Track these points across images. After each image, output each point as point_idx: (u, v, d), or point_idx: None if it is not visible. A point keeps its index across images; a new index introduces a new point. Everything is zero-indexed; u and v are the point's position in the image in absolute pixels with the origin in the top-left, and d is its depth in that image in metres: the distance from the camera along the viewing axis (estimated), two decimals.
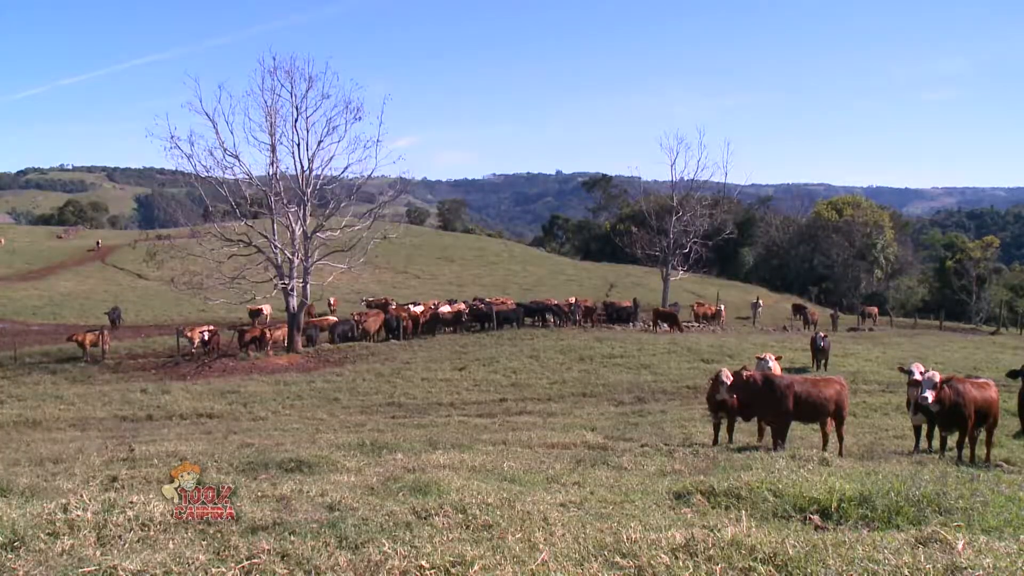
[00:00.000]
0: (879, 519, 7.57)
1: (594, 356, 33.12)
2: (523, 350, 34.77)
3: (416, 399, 26.80)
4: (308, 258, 39.18)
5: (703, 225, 57.89)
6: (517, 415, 23.14)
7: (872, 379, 28.66)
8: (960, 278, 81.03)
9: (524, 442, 15.01)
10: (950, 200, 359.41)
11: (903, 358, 32.93)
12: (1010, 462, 15.48)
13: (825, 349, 31.27)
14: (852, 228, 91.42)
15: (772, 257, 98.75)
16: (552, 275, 77.27)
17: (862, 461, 12.85)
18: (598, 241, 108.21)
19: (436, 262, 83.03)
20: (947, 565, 5.61)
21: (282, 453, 11.84)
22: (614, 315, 46.88)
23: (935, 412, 15.24)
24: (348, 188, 42.05)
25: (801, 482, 8.66)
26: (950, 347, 40.94)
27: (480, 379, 29.69)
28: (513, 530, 6.74)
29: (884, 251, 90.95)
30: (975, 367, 28.99)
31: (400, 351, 36.38)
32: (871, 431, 20.35)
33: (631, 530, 6.55)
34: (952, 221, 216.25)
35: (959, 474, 10.32)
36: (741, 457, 12.23)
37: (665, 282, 56.57)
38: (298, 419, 22.90)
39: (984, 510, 7.83)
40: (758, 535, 6.32)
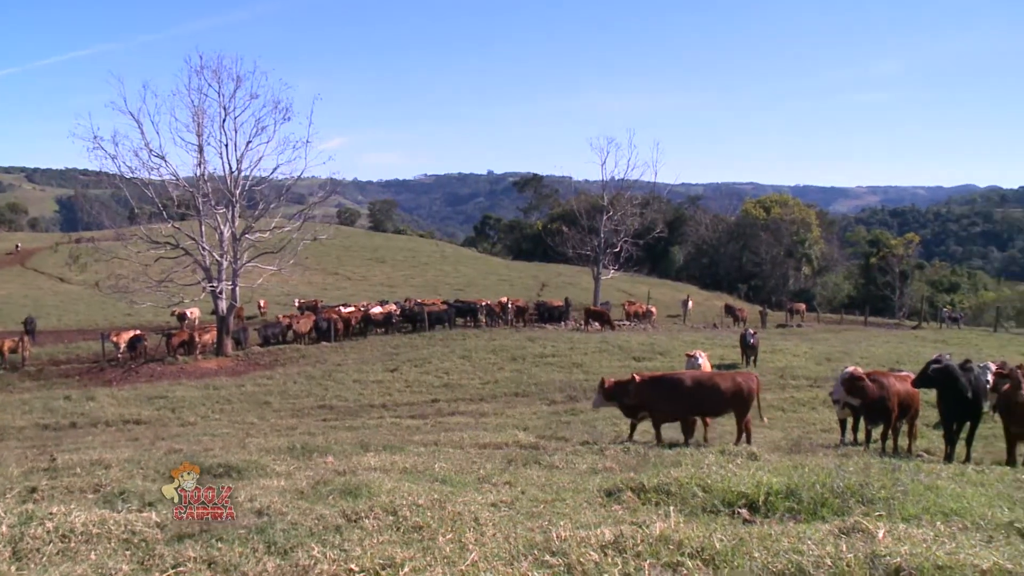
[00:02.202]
0: (805, 511, 7.68)
1: (526, 356, 33.20)
2: (455, 351, 34.74)
3: (348, 401, 26.63)
4: (237, 260, 38.71)
5: (633, 224, 58.35)
6: (449, 416, 23.11)
7: (800, 374, 29.15)
8: (884, 274, 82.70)
9: (456, 443, 14.97)
10: (874, 199, 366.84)
11: (830, 353, 33.68)
12: (930, 452, 15.92)
13: (754, 346, 31.74)
14: (780, 226, 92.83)
15: (702, 255, 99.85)
16: (484, 275, 77.21)
17: (790, 455, 13.04)
18: (530, 241, 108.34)
19: (367, 263, 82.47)
20: (868, 554, 5.73)
21: (211, 458, 11.65)
22: (546, 314, 47.05)
23: (859, 405, 15.58)
24: (277, 189, 41.62)
25: (730, 477, 8.75)
26: (874, 342, 41.82)
27: (412, 380, 29.60)
28: (444, 531, 6.73)
29: (811, 248, 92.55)
30: (898, 361, 29.65)
31: (331, 353, 36.13)
32: (799, 425, 20.74)
33: (561, 528, 6.58)
34: (876, 219, 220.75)
35: (882, 465, 10.51)
36: (671, 454, 12.34)
37: (596, 281, 56.89)
38: (228, 424, 22.59)
39: (904, 499, 8.00)
40: (686, 530, 6.40)
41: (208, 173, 39.07)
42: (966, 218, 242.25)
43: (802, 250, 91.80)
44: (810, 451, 14.38)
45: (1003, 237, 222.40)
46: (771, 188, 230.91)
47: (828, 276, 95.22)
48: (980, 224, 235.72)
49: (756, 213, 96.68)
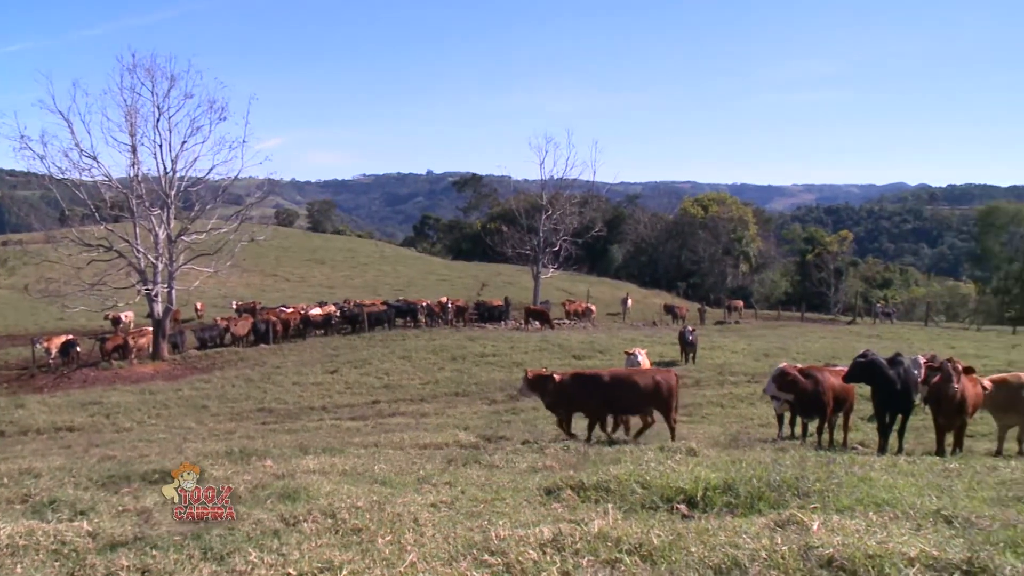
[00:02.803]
0: (742, 505, 7.76)
1: (466, 355, 33.18)
2: (395, 351, 34.60)
3: (287, 404, 26.39)
4: (173, 262, 38.13)
5: (573, 223, 58.59)
6: (390, 417, 22.98)
7: (738, 370, 29.49)
8: (819, 271, 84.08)
9: (396, 444, 14.90)
10: (809, 196, 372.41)
11: (768, 349, 34.16)
12: (864, 444, 16.22)
13: (693, 343, 32.05)
14: (718, 224, 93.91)
15: (641, 254, 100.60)
16: (423, 275, 77.02)
17: (728, 450, 13.18)
18: (469, 240, 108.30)
19: (306, 264, 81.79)
20: (801, 545, 5.83)
21: (146, 465, 11.48)
22: (486, 314, 47.10)
23: (793, 400, 15.82)
24: (214, 190, 41.08)
25: (668, 473, 8.81)
26: (811, 337, 42.53)
27: (352, 382, 29.43)
28: (383, 533, 6.69)
29: (748, 246, 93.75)
30: (834, 355, 30.09)
31: (270, 355, 35.77)
32: (738, 420, 21.00)
33: (500, 528, 6.58)
34: (811, 217, 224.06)
35: (818, 458, 10.67)
36: (611, 451, 12.40)
37: (536, 280, 57.01)
38: (165, 429, 22.22)
39: (839, 491, 8.12)
40: (624, 527, 6.44)
41: (142, 174, 38.45)
42: (898, 215, 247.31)
43: (740, 248, 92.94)
44: (748, 446, 14.54)
45: (933, 234, 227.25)
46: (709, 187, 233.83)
47: (765, 273, 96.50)
48: (911, 221, 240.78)
49: (694, 211, 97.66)
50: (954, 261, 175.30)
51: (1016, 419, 14.99)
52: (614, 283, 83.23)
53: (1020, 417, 14.93)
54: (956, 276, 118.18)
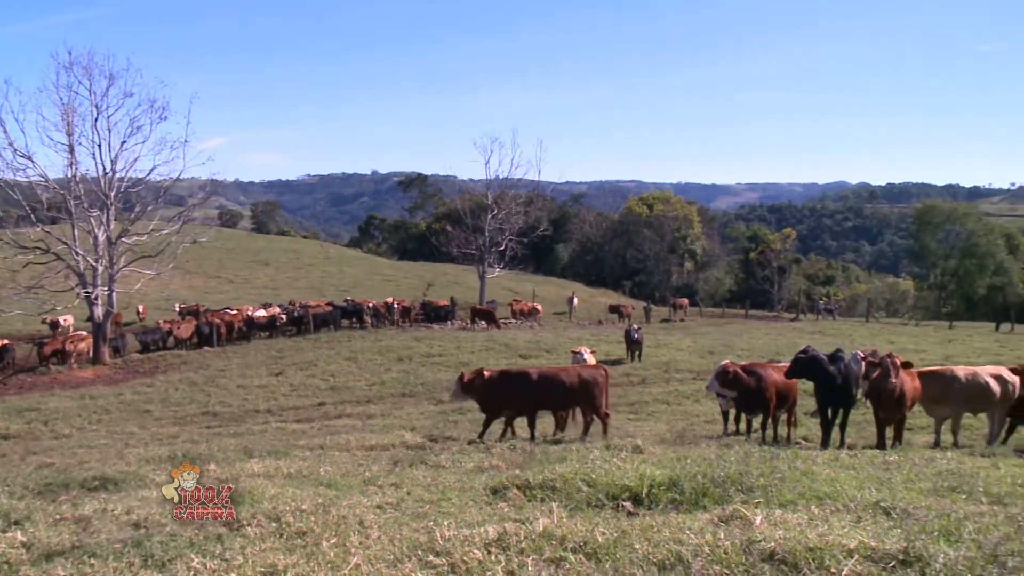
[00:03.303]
0: (687, 501, 7.82)
1: (413, 356, 33.08)
2: (341, 352, 34.42)
3: (232, 407, 26.10)
4: (113, 265, 37.53)
5: (518, 223, 58.74)
6: (336, 418, 22.86)
7: (684, 368, 29.79)
8: (763, 268, 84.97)
9: (342, 445, 14.82)
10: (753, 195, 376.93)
11: (712, 347, 34.52)
12: (807, 439, 16.47)
13: (639, 341, 32.23)
14: (663, 223, 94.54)
15: (587, 253, 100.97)
16: (369, 276, 76.58)
17: (674, 447, 13.29)
18: (415, 240, 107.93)
19: (250, 265, 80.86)
20: (744, 540, 5.90)
21: (85, 471, 11.27)
22: (432, 314, 46.99)
23: (738, 396, 16.03)
24: (155, 191, 40.51)
25: (614, 471, 8.84)
26: (755, 334, 43.04)
27: (298, 384, 29.20)
28: (328, 536, 6.64)
29: (693, 244, 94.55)
30: (777, 352, 30.47)
31: (214, 358, 35.36)
32: (683, 417, 21.21)
33: (445, 528, 6.56)
34: (755, 215, 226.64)
35: (761, 453, 10.81)
36: (557, 450, 12.44)
37: (482, 280, 57.02)
38: (106, 434, 21.84)
39: (782, 485, 8.23)
40: (569, 525, 6.46)
41: (80, 174, 37.82)
42: (839, 214, 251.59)
43: (684, 246, 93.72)
44: (693, 443, 14.67)
45: (873, 232, 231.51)
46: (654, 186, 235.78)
47: (710, 271, 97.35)
48: (852, 219, 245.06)
49: (639, 210, 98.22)
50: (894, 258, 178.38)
51: (948, 411, 15.35)
52: (560, 282, 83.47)
53: (952, 409, 15.29)
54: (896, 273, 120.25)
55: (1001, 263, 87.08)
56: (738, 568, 5.48)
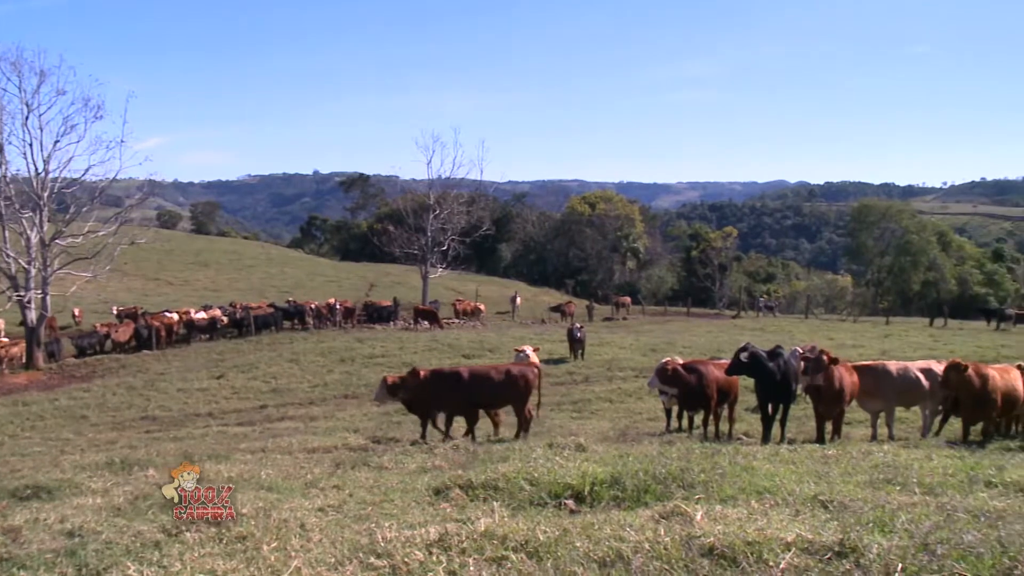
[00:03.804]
0: (629, 498, 7.88)
1: (355, 357, 32.91)
2: (283, 354, 34.13)
3: (172, 411, 25.72)
4: (47, 267, 36.80)
5: (460, 222, 58.71)
6: (278, 421, 22.63)
7: (626, 365, 29.92)
8: (704, 266, 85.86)
9: (284, 448, 14.69)
10: (694, 194, 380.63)
11: (655, 344, 34.75)
12: (748, 434, 16.65)
13: (581, 339, 32.33)
14: (605, 222, 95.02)
15: (529, 252, 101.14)
16: (311, 277, 76.02)
17: (616, 444, 13.37)
18: (357, 241, 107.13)
19: (190, 267, 79.82)
20: (684, 536, 5.96)
21: (16, 480, 11.02)
22: (375, 315, 46.81)
23: (679, 393, 16.18)
24: (90, 191, 39.78)
25: (556, 469, 8.88)
26: (697, 331, 43.48)
27: (239, 386, 28.90)
28: (268, 539, 6.58)
29: (635, 243, 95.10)
30: (719, 349, 30.75)
31: (153, 362, 34.88)
32: (626, 415, 21.31)
33: (387, 529, 6.54)
34: (696, 213, 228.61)
35: (703, 449, 10.92)
36: (500, 449, 12.45)
37: (424, 280, 56.91)
38: (40, 441, 21.33)
39: (722, 481, 8.32)
40: (511, 524, 6.48)
41: (11, 174, 37.03)
42: (779, 212, 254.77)
43: (627, 245, 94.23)
44: (636, 440, 14.77)
45: (812, 229, 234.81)
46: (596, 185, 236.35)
47: (652, 269, 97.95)
48: (791, 217, 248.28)
49: (581, 209, 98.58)
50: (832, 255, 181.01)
51: (881, 405, 15.68)
52: (503, 282, 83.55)
53: (885, 403, 15.62)
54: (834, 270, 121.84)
55: (934, 260, 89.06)
56: (678, 564, 5.54)
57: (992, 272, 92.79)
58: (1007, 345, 36.42)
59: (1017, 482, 8.83)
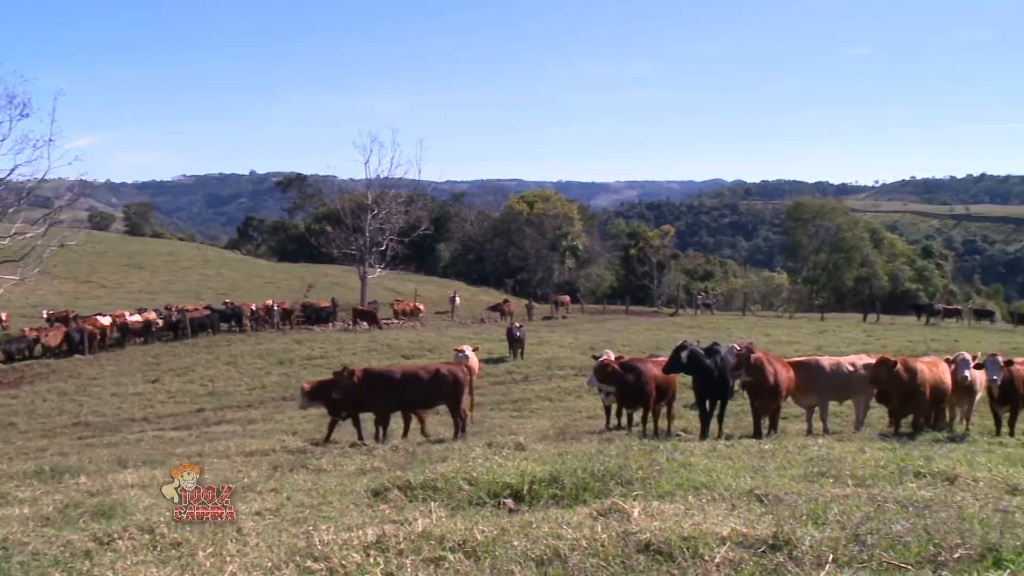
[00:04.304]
0: (568, 496, 7.93)
1: (294, 359, 32.64)
2: (220, 357, 33.72)
3: (105, 416, 25.27)
4: None
5: (399, 222, 58.42)
6: (216, 425, 22.39)
7: (566, 364, 30.07)
8: (643, 265, 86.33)
9: (221, 452, 14.56)
10: (632, 193, 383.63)
11: (594, 343, 34.86)
12: (687, 431, 16.85)
13: (520, 339, 32.38)
14: (543, 221, 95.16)
15: (468, 252, 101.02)
16: (248, 278, 75.15)
17: (556, 443, 13.43)
18: (295, 242, 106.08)
19: (123, 269, 78.38)
20: (621, 532, 6.01)
21: None
22: (313, 316, 46.40)
23: (617, 391, 16.28)
24: (17, 192, 38.80)
25: (495, 468, 8.89)
26: (635, 329, 43.79)
27: (175, 390, 28.49)
28: (204, 545, 6.51)
29: (574, 242, 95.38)
30: (657, 346, 31.01)
31: (86, 366, 34.21)
32: (566, 413, 21.40)
33: (324, 532, 6.52)
34: (634, 212, 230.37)
35: (641, 447, 10.99)
36: (440, 449, 12.44)
37: (363, 280, 56.53)
38: None
39: (660, 477, 8.39)
40: (449, 524, 6.49)
41: None
42: (716, 210, 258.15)
43: (565, 244, 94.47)
44: (575, 438, 14.86)
45: (748, 228, 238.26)
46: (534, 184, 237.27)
47: (591, 268, 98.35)
48: (728, 216, 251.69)
49: (520, 208, 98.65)
50: (768, 253, 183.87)
51: (815, 400, 15.97)
52: (442, 281, 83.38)
53: (819, 398, 15.92)
54: (770, 267, 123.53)
55: (867, 256, 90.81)
56: (615, 560, 5.58)
57: (922, 268, 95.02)
58: (936, 339, 37.34)
59: (944, 472, 9.07)
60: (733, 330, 42.53)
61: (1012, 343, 35.01)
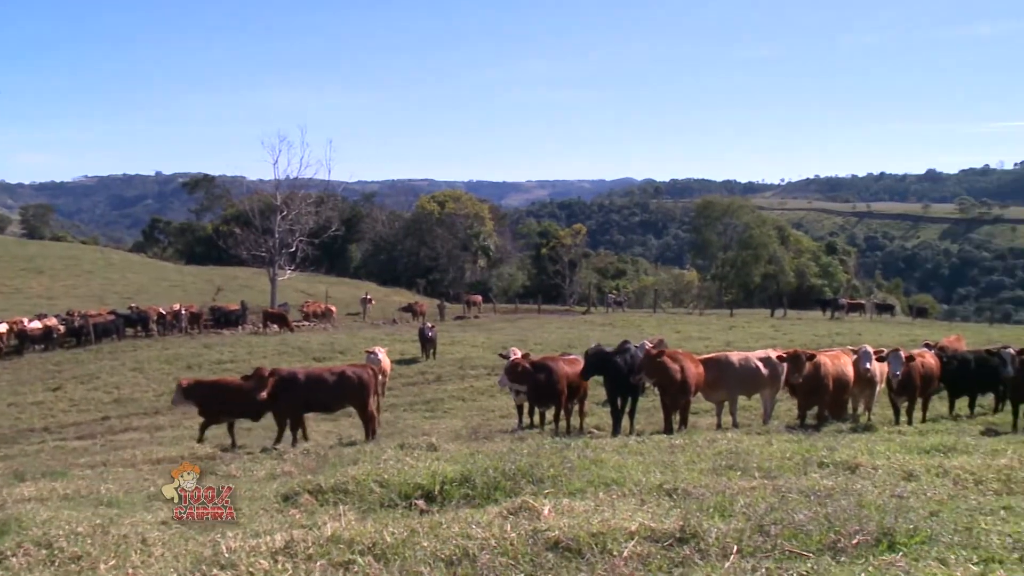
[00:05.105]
0: (480, 496, 7.95)
1: (203, 363, 32.06)
2: (126, 363, 32.94)
3: (2, 428, 24.42)
4: None
5: (309, 223, 57.90)
6: (121, 433, 21.89)
7: (478, 364, 30.12)
8: (554, 264, 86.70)
9: (127, 461, 14.23)
10: (543, 192, 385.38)
11: (506, 342, 34.93)
12: (600, 428, 17.01)
13: (433, 339, 32.31)
14: (455, 221, 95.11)
15: (380, 252, 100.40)
16: (155, 282, 73.48)
17: (468, 443, 13.43)
18: (203, 244, 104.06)
19: (21, 274, 75.93)
20: (531, 530, 6.04)
21: None
22: (222, 319, 45.69)
23: (528, 390, 16.37)
24: None
25: (407, 470, 8.87)
26: (548, 328, 44.02)
27: (78, 398, 27.73)
28: (106, 558, 6.33)
29: (486, 241, 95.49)
30: (569, 345, 31.21)
31: None
32: (479, 413, 21.45)
33: (231, 539, 6.40)
34: (546, 212, 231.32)
35: (553, 445, 11.06)
36: (351, 452, 12.36)
37: (273, 283, 55.82)
38: None
39: (571, 475, 8.46)
40: (358, 528, 6.44)
41: None
42: (627, 209, 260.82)
43: (477, 243, 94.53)
44: (488, 438, 14.91)
45: (658, 226, 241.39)
46: (446, 184, 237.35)
47: (503, 268, 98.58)
48: (639, 214, 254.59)
49: (431, 208, 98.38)
50: (678, 250, 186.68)
51: (724, 395, 16.28)
52: (354, 282, 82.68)
53: (728, 392, 16.23)
54: (680, 265, 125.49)
55: (774, 253, 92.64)
56: (524, 558, 5.59)
57: (827, 264, 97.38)
58: (840, 333, 38.39)
59: (846, 461, 9.34)
60: (644, 327, 43.05)
61: (911, 335, 36.12)
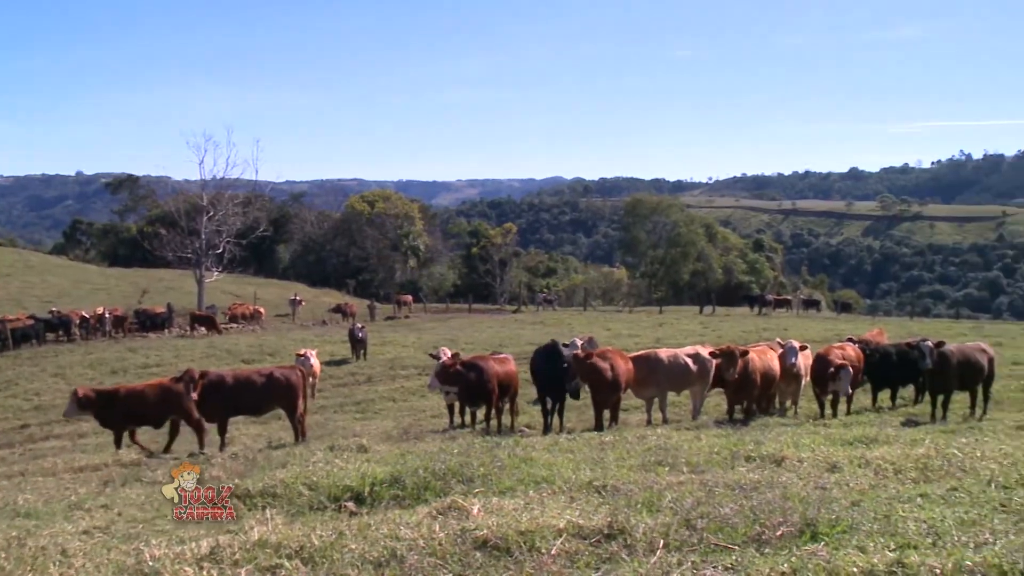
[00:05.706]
0: (410, 496, 7.95)
1: (128, 368, 31.41)
2: (46, 369, 32.13)
3: None
4: None
5: (236, 224, 57.29)
6: (42, 440, 21.38)
7: (409, 364, 29.99)
8: (485, 263, 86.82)
9: (47, 470, 13.92)
10: (473, 191, 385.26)
11: (437, 342, 34.84)
12: (530, 426, 17.08)
13: (363, 340, 32.10)
14: (385, 221, 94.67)
15: (309, 253, 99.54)
16: (77, 284, 71.85)
17: (399, 443, 13.38)
18: (127, 246, 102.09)
19: None
20: (459, 530, 6.04)
21: None
22: (147, 322, 44.84)
23: (459, 390, 16.38)
24: None
25: (336, 472, 8.84)
26: (479, 327, 44.05)
27: None
28: (22, 571, 6.16)
29: (416, 241, 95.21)
30: (500, 343, 31.28)
31: None
32: (410, 413, 21.38)
33: (155, 547, 6.28)
34: (476, 211, 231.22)
35: (483, 444, 11.08)
36: (280, 455, 12.23)
37: (200, 284, 55.08)
38: None
39: (502, 474, 8.48)
40: (285, 531, 6.38)
41: None
42: (556, 208, 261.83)
43: (407, 243, 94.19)
44: (419, 438, 14.87)
45: (588, 225, 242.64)
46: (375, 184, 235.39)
47: (433, 267, 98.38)
48: (569, 213, 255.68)
49: (361, 208, 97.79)
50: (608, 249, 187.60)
51: (654, 391, 16.47)
52: (282, 283, 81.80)
53: (658, 389, 16.42)
54: (610, 263, 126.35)
55: (702, 251, 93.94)
56: (452, 558, 5.59)
57: (754, 261, 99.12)
58: (768, 328, 39.03)
59: (772, 454, 9.50)
60: (575, 325, 43.25)
61: (836, 330, 36.89)
